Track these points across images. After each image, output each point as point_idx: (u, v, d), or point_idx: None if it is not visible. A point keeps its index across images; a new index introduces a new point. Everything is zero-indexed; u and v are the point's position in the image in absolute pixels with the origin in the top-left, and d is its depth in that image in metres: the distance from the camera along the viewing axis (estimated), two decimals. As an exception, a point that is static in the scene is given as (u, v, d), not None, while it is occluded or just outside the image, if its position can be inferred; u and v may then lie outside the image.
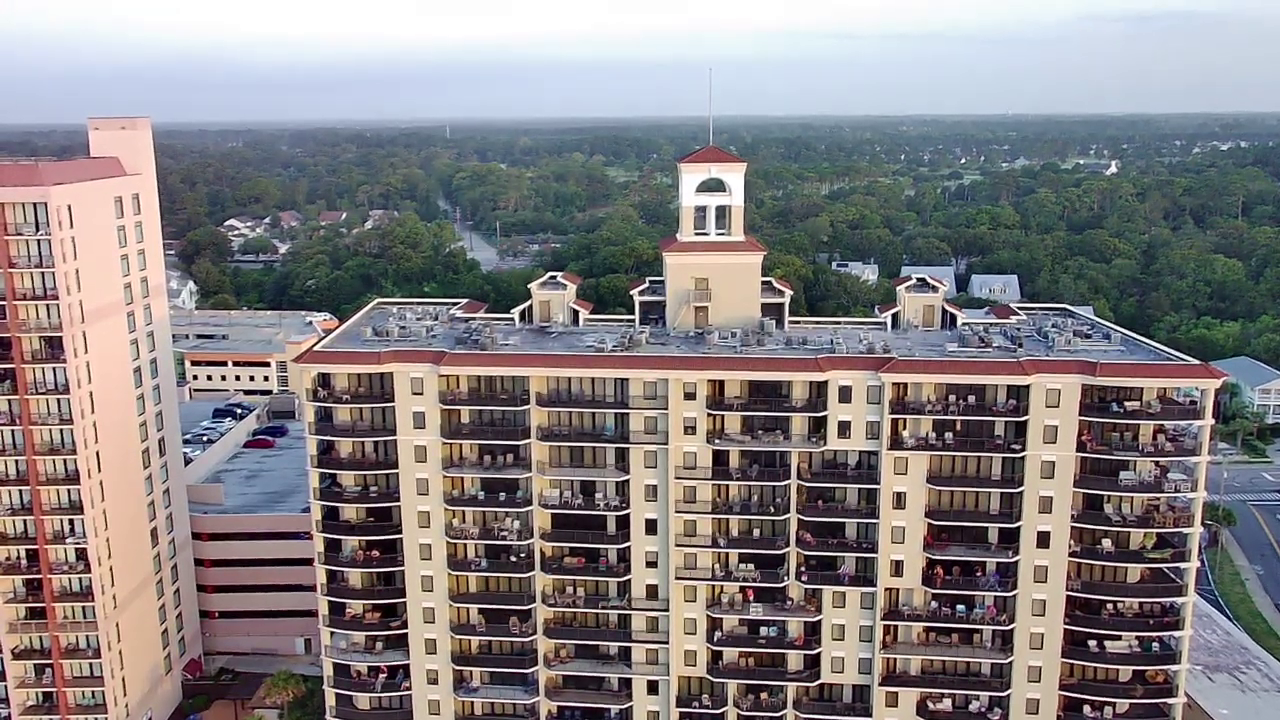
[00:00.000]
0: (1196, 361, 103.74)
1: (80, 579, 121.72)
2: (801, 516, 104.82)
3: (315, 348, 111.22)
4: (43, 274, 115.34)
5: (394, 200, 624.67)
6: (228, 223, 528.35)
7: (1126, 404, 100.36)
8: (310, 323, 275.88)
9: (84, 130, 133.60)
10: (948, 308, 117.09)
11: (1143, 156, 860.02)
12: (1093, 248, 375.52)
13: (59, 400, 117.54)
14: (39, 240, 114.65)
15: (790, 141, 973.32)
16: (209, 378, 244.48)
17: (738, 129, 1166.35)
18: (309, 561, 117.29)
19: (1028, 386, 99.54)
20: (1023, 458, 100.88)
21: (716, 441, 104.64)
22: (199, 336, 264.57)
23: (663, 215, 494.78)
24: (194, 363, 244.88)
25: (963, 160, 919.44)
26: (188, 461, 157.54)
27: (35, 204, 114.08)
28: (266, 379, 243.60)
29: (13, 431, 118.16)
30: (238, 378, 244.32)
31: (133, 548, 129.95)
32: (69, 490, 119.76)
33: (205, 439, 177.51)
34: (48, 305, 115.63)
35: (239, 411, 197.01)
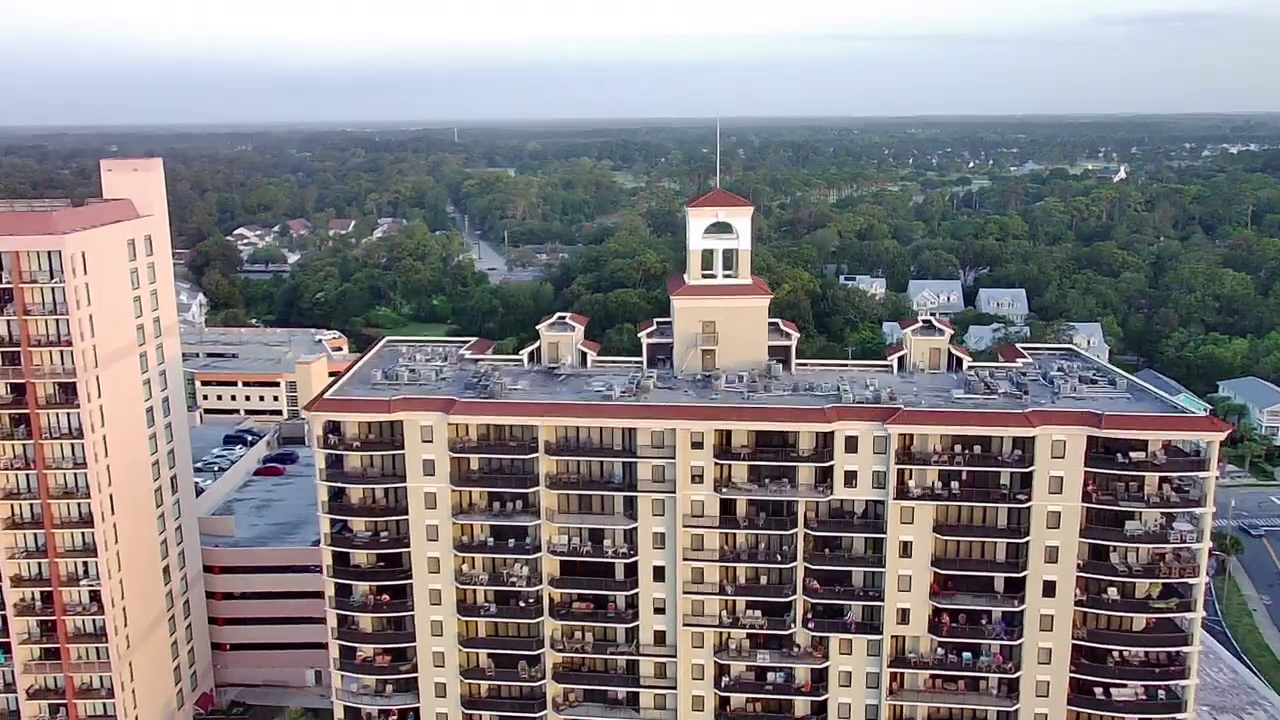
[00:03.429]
0: (1202, 413, 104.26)
1: (94, 620, 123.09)
2: (808, 565, 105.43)
3: (325, 395, 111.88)
4: (57, 320, 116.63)
5: (403, 208, 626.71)
6: (236, 231, 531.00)
7: (1132, 454, 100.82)
8: (319, 340, 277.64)
9: (93, 133, 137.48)
10: (954, 351, 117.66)
11: (1152, 160, 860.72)
12: (1101, 260, 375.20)
13: (73, 445, 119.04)
14: (53, 288, 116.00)
15: (798, 145, 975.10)
16: (219, 397, 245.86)
17: (745, 132, 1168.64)
18: (319, 594, 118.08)
19: (1033, 438, 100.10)
20: (1028, 508, 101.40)
21: (724, 490, 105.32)
22: (209, 355, 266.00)
23: (670, 224, 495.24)
24: (204, 383, 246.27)
25: (971, 164, 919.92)
26: (199, 491, 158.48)
27: (50, 252, 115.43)
28: (276, 399, 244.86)
29: (28, 475, 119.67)
30: (247, 398, 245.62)
31: (146, 587, 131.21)
32: (83, 533, 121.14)
33: (217, 467, 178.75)
34: (62, 351, 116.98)
35: (249, 438, 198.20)
